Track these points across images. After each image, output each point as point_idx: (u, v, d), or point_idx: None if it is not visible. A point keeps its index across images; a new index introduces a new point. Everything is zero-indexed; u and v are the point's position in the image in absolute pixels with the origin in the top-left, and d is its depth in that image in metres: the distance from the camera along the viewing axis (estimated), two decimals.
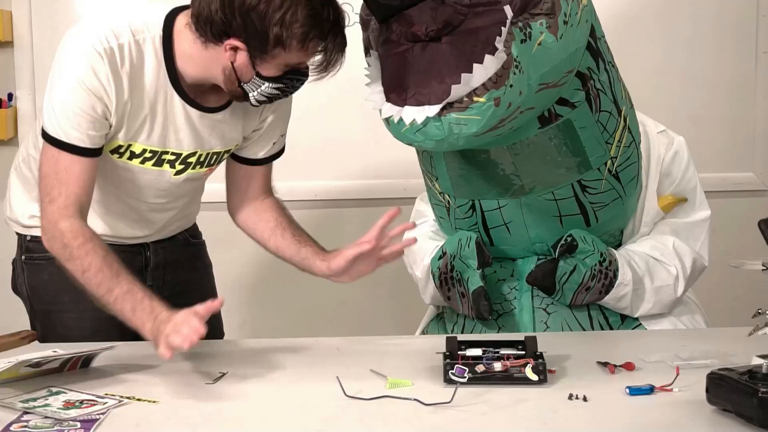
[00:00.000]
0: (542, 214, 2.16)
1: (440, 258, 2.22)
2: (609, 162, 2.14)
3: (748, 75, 3.44)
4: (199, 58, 1.95)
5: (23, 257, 2.19)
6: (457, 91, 1.83)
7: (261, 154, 2.18)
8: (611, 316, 2.24)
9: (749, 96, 3.44)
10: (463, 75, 1.82)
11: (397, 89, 1.91)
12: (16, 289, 2.26)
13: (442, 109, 1.85)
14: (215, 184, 2.25)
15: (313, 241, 2.12)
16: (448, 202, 2.24)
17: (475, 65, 1.82)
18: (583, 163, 2.10)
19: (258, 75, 1.92)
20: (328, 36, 1.89)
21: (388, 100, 1.93)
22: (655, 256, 2.24)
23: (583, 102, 2.05)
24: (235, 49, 1.89)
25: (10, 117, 3.22)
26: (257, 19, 1.83)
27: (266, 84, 1.94)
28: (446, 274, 2.19)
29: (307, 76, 1.98)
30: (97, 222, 2.10)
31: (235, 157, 2.19)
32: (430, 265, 2.26)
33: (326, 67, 1.94)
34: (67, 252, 1.91)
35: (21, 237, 2.21)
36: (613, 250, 2.22)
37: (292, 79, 1.96)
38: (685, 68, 3.41)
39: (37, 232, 2.16)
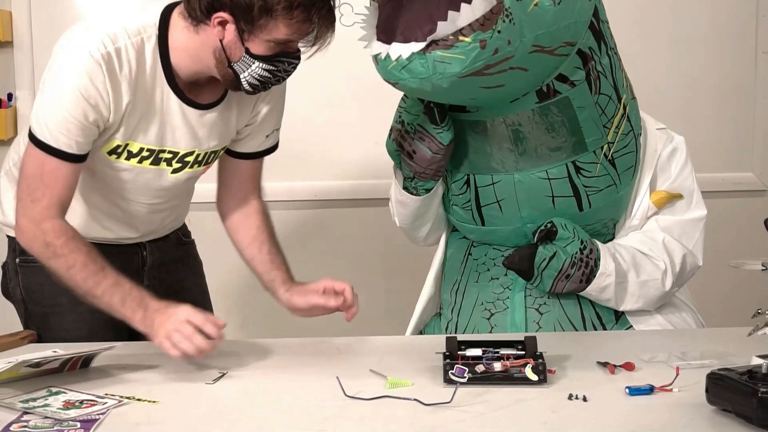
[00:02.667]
0: (535, 193, 2.17)
1: (390, 135, 2.25)
2: (605, 146, 2.15)
3: (748, 75, 3.44)
4: (192, 47, 1.94)
5: (17, 260, 2.18)
6: (442, 28, 1.87)
7: (254, 148, 2.18)
8: (605, 316, 2.23)
9: (749, 96, 3.45)
10: (449, 12, 1.87)
11: (387, 30, 1.97)
12: (7, 293, 2.25)
13: (427, 46, 1.89)
14: (208, 184, 2.25)
15: (286, 265, 2.16)
16: (445, 177, 2.27)
17: (462, 4, 1.87)
18: (579, 144, 2.12)
19: (247, 52, 1.91)
20: (314, 6, 1.88)
21: (378, 40, 1.98)
22: (643, 250, 2.24)
23: (582, 81, 2.06)
24: (223, 23, 1.89)
25: (9, 117, 3.22)
26: None
27: (256, 64, 1.92)
28: (400, 132, 2.21)
29: (298, 59, 1.97)
30: (94, 226, 2.10)
31: (227, 152, 2.18)
32: (394, 169, 2.30)
33: (315, 41, 1.93)
34: (50, 251, 1.92)
35: (14, 240, 2.18)
36: (597, 241, 2.21)
37: (283, 62, 1.95)
38: (685, 68, 3.41)
39: None
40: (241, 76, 1.94)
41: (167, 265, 2.26)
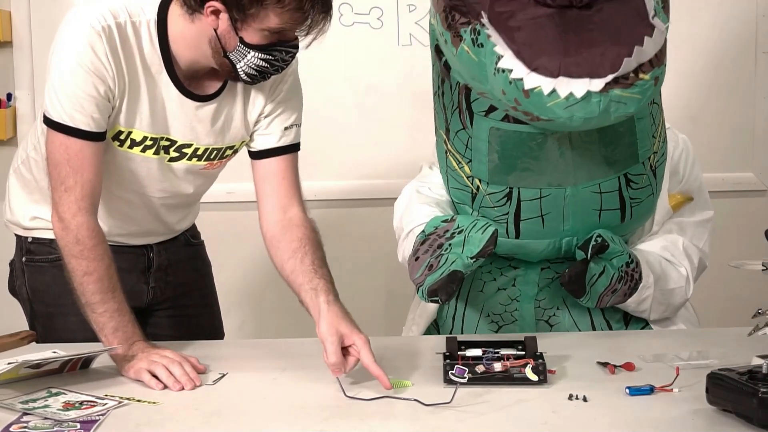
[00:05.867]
0: (584, 206, 2.06)
1: (445, 221, 2.09)
2: (652, 156, 2.08)
3: (748, 75, 3.44)
4: (189, 36, 1.93)
5: (24, 259, 2.18)
6: (628, 64, 1.69)
7: (273, 143, 2.09)
8: (614, 323, 2.21)
9: (749, 96, 3.44)
10: (636, 48, 1.69)
11: (545, 57, 1.72)
12: (13, 291, 2.25)
13: (606, 85, 1.70)
14: (216, 185, 2.25)
15: (331, 278, 1.95)
16: (477, 188, 2.12)
17: (646, 38, 1.70)
18: (633, 156, 2.04)
19: (242, 42, 1.89)
20: None
21: (531, 68, 1.73)
22: (666, 257, 2.20)
23: None
24: (216, 12, 1.88)
25: (9, 117, 3.22)
26: None
27: (252, 53, 1.90)
28: (441, 237, 2.02)
29: (296, 48, 1.95)
30: (108, 222, 2.08)
31: (252, 155, 2.12)
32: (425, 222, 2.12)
33: (309, 29, 1.89)
34: (77, 249, 1.89)
35: (21, 239, 2.19)
36: (632, 252, 2.16)
37: (280, 50, 1.92)
38: (685, 68, 3.41)
39: (38, 234, 2.15)
40: (238, 66, 1.92)
41: (174, 267, 2.25)
